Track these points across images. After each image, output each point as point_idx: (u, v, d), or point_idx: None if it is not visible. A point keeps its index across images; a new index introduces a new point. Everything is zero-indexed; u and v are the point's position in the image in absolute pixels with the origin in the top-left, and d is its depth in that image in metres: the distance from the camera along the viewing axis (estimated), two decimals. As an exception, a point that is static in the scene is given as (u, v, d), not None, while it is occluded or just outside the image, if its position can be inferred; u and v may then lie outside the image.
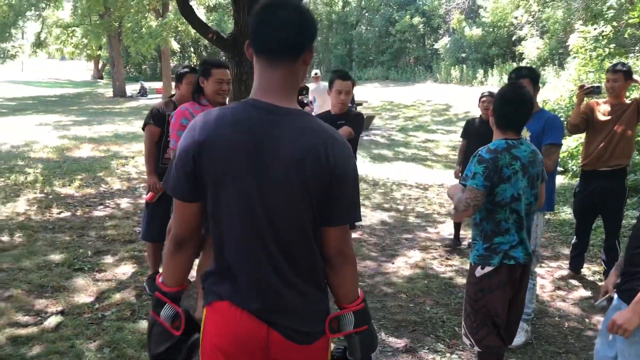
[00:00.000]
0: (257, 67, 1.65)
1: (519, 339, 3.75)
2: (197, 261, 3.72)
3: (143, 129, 4.37)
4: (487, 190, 2.74)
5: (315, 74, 11.89)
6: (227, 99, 3.84)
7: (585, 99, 4.71)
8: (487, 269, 2.82)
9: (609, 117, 4.62)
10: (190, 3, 7.20)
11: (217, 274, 1.67)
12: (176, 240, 1.69)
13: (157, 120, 4.29)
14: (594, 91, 4.50)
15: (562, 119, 6.03)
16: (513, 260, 2.81)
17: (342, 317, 1.72)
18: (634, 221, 4.69)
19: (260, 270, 1.62)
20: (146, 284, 4.42)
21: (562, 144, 3.81)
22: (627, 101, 4.70)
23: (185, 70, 4.33)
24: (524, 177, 2.79)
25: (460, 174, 5.47)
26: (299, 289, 1.65)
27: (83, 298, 4.23)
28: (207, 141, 1.57)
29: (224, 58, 11.39)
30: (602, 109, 4.68)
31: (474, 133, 5.53)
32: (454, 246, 5.79)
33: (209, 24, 7.64)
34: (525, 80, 3.65)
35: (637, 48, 12.06)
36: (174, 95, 4.41)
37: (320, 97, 10.79)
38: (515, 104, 2.82)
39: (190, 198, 1.64)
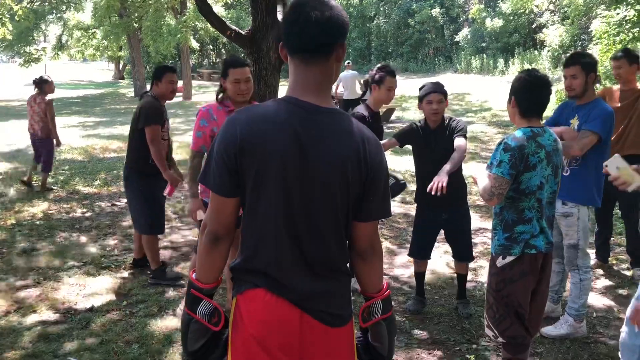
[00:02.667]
0: (292, 66, 1.68)
1: (559, 330, 3.72)
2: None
3: (142, 129, 4.33)
4: (512, 179, 2.73)
5: (348, 62, 14.03)
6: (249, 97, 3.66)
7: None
8: (509, 258, 2.81)
9: (619, 105, 4.48)
10: (208, 1, 7.22)
11: (250, 267, 1.70)
12: (213, 236, 1.70)
13: (159, 118, 4.41)
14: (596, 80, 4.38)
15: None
16: (534, 250, 2.80)
17: (372, 305, 1.81)
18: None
19: (295, 264, 1.67)
20: (153, 278, 4.58)
21: (599, 134, 3.51)
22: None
23: (165, 67, 4.53)
24: (548, 166, 2.78)
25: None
26: (331, 277, 1.72)
27: (111, 295, 4.31)
28: (248, 139, 1.59)
29: (242, 55, 11.36)
30: (615, 96, 4.59)
31: (419, 143, 4.00)
32: (418, 309, 4.13)
33: (227, 21, 7.67)
34: (576, 68, 3.57)
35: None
36: (147, 91, 4.57)
37: (348, 84, 13.03)
38: (535, 88, 2.80)
39: (231, 194, 1.66)
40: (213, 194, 1.68)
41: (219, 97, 3.64)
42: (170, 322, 3.83)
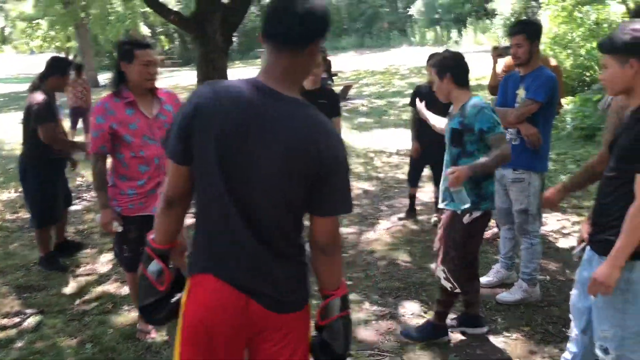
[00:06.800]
0: (266, 51, 1.69)
1: (514, 296, 3.79)
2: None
3: (37, 126, 4.37)
4: None
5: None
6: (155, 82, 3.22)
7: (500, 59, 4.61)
8: (475, 214, 3.02)
9: None
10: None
11: (199, 245, 1.74)
12: (167, 200, 1.77)
13: (52, 115, 4.45)
14: (506, 52, 4.30)
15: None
16: (492, 206, 3.13)
17: (331, 303, 1.78)
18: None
19: (240, 241, 1.66)
20: (40, 265, 4.68)
21: (540, 103, 3.53)
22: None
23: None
24: None
25: (417, 151, 5.29)
26: (278, 258, 1.70)
27: (63, 295, 4.18)
28: (203, 107, 1.62)
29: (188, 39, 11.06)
30: None
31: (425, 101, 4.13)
32: (407, 217, 5.63)
33: (178, 6, 7.48)
34: (521, 36, 3.56)
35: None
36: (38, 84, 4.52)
37: None
38: (463, 62, 3.11)
39: (182, 161, 1.69)
40: (168, 160, 1.73)
41: (117, 86, 3.14)
42: (124, 319, 3.74)
